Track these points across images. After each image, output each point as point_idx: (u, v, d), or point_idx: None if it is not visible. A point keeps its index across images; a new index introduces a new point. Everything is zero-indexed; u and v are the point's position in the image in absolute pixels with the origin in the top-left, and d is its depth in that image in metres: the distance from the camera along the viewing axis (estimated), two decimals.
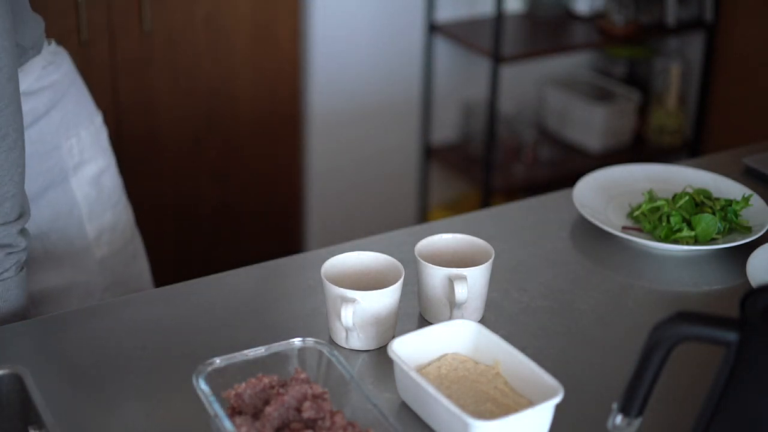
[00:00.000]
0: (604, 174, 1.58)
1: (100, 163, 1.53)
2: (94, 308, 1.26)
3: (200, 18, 2.40)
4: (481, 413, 1.02)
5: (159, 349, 1.17)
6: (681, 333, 0.89)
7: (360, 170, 2.94)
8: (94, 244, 1.50)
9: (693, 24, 3.06)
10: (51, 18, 2.23)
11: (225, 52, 2.47)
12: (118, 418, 1.06)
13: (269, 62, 2.56)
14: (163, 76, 2.40)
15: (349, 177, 2.93)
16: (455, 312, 1.20)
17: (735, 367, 0.89)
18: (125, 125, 2.39)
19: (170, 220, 2.55)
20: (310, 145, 2.80)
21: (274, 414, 0.98)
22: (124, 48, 2.32)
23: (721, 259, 1.40)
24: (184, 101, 2.45)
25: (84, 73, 2.31)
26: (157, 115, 2.43)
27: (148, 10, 2.31)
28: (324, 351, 1.06)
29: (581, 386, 1.12)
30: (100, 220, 1.52)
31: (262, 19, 2.49)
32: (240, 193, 2.64)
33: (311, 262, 1.34)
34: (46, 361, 1.14)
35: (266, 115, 2.61)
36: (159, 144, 2.45)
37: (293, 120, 2.68)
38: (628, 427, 0.94)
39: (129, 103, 2.37)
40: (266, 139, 2.64)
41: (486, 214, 1.58)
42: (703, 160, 1.74)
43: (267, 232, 2.74)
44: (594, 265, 1.39)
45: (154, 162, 2.47)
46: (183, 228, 2.58)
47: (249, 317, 1.24)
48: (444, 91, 3.00)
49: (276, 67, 2.58)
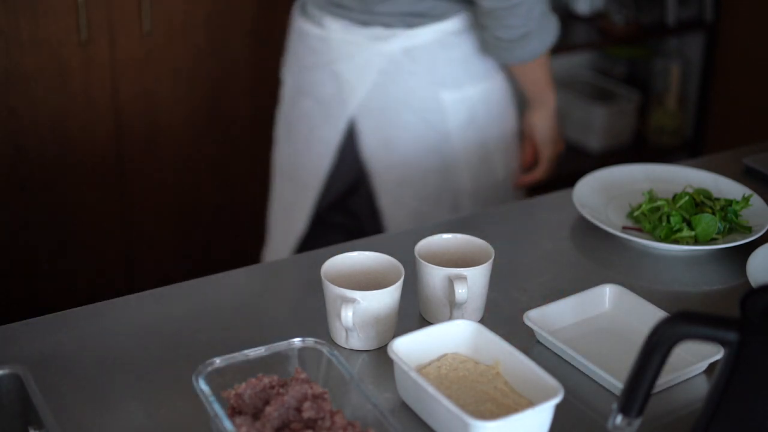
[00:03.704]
0: (604, 174, 1.58)
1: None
2: (94, 308, 1.26)
3: (200, 18, 2.40)
4: (481, 413, 1.02)
5: (159, 349, 1.17)
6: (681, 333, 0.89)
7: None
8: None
9: (693, 24, 3.06)
10: (51, 18, 2.24)
11: (225, 52, 2.47)
12: (118, 418, 1.06)
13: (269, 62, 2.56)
14: (163, 76, 2.40)
15: None
16: (455, 312, 1.20)
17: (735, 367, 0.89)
18: (125, 125, 2.39)
19: (170, 219, 2.55)
20: None
21: (274, 414, 0.98)
22: (124, 48, 2.31)
23: (721, 259, 1.40)
24: (184, 101, 2.45)
25: (84, 73, 2.32)
26: (157, 115, 2.43)
27: (148, 10, 2.30)
28: (324, 351, 1.06)
29: (581, 386, 1.12)
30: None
31: (262, 19, 2.49)
32: (240, 193, 2.64)
33: (311, 262, 1.34)
34: (46, 361, 1.14)
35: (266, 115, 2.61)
36: (159, 143, 2.45)
37: None
38: (628, 427, 0.94)
39: (129, 103, 2.37)
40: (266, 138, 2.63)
41: (486, 214, 1.58)
42: (703, 160, 1.74)
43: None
44: (594, 265, 1.39)
45: (154, 162, 2.47)
46: (183, 227, 2.58)
47: (249, 317, 1.24)
48: None
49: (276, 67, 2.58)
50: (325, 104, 1.85)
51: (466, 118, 1.83)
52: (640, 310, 1.22)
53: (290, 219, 1.97)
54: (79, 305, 1.26)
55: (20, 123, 2.26)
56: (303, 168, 1.92)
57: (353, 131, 1.84)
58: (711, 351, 1.14)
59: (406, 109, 1.80)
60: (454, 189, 1.87)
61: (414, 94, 1.80)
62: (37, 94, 2.26)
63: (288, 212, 1.98)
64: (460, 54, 1.79)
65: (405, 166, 1.84)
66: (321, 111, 1.86)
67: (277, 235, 2.04)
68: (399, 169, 1.84)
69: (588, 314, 1.24)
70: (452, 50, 1.79)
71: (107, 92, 2.34)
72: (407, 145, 1.83)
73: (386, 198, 1.87)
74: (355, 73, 1.80)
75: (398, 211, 1.88)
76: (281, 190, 2.02)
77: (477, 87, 1.83)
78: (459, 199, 1.88)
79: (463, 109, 1.82)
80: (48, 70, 2.25)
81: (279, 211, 2.04)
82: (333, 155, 1.87)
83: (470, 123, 1.84)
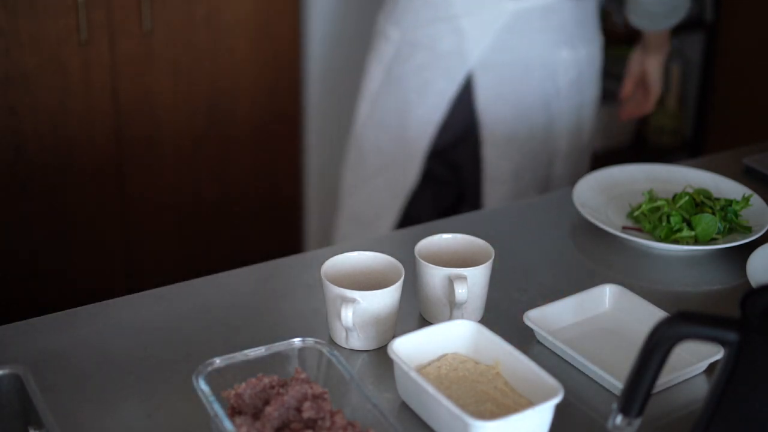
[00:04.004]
0: (604, 174, 1.58)
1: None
2: (94, 308, 1.26)
3: (200, 18, 2.39)
4: (481, 413, 1.02)
5: (159, 349, 1.17)
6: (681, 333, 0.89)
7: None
8: None
9: (693, 24, 3.06)
10: (51, 18, 2.24)
11: (225, 52, 2.47)
12: (118, 418, 1.06)
13: (269, 62, 2.56)
14: (163, 76, 2.40)
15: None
16: (455, 312, 1.20)
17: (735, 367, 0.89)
18: (125, 125, 2.39)
19: (170, 219, 2.55)
20: (309, 145, 2.79)
21: (274, 414, 0.98)
22: (124, 48, 2.31)
23: (721, 259, 1.40)
24: (184, 101, 2.45)
25: (84, 73, 2.32)
26: (157, 115, 2.43)
27: (148, 10, 2.30)
28: (324, 351, 1.06)
29: (581, 386, 1.12)
30: None
31: (262, 18, 2.49)
32: (240, 193, 2.64)
33: (311, 262, 1.34)
34: (46, 361, 1.14)
35: (266, 115, 2.61)
36: (159, 144, 2.45)
37: (293, 120, 2.68)
38: (628, 427, 0.94)
39: (129, 103, 2.37)
40: (266, 138, 2.64)
41: (486, 214, 1.58)
42: (703, 160, 1.74)
43: (267, 232, 2.74)
44: (594, 265, 1.39)
45: (154, 162, 2.46)
46: (183, 228, 2.58)
47: (249, 317, 1.24)
48: None
49: (276, 66, 2.58)
50: (443, 57, 1.92)
51: (573, 78, 1.95)
52: (640, 310, 1.22)
53: (394, 173, 2.05)
54: (79, 305, 1.26)
55: (20, 123, 2.26)
56: (414, 120, 1.99)
57: (470, 84, 1.93)
58: (711, 351, 1.14)
59: (525, 65, 1.91)
60: (552, 148, 1.99)
61: (535, 50, 1.90)
62: (37, 94, 2.26)
63: (391, 167, 2.05)
64: (582, 15, 1.92)
65: (515, 120, 1.94)
66: (438, 64, 1.93)
67: (354, 205, 2.14)
68: (509, 122, 1.94)
69: (588, 314, 1.24)
70: (576, 11, 1.90)
71: (107, 92, 2.34)
72: (520, 99, 1.93)
73: (492, 151, 1.96)
74: (479, 28, 1.88)
75: (501, 164, 1.97)
76: (376, 147, 2.07)
77: (586, 49, 1.96)
78: (554, 159, 2.00)
79: (573, 69, 1.94)
80: (48, 70, 2.25)
81: (368, 173, 2.10)
82: (447, 107, 1.95)
83: (576, 84, 1.96)
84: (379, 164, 2.09)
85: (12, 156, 2.28)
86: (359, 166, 2.13)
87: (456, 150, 2.03)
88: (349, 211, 2.18)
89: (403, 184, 2.05)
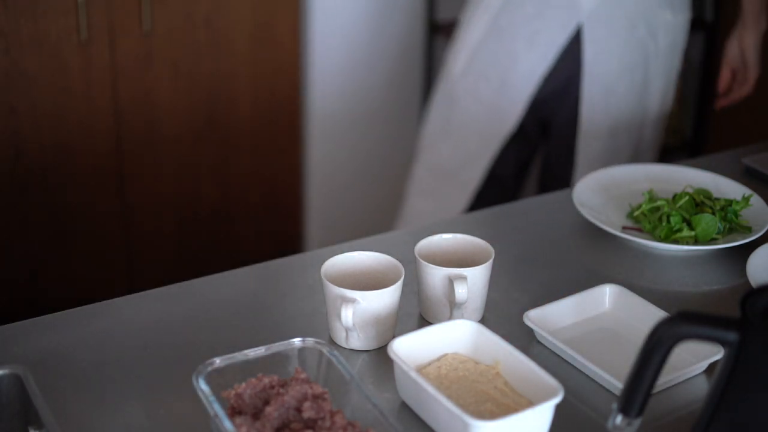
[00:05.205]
0: (604, 174, 1.58)
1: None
2: (94, 308, 1.26)
3: (200, 18, 2.39)
4: (481, 413, 1.02)
5: (159, 349, 1.17)
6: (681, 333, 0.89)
7: (360, 170, 2.94)
8: None
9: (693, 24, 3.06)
10: (51, 18, 2.24)
11: (225, 52, 2.47)
12: (118, 418, 1.06)
13: (269, 62, 2.56)
14: (163, 76, 2.40)
15: (349, 177, 2.92)
16: (455, 312, 1.20)
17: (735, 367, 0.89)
18: (125, 125, 2.39)
19: (170, 219, 2.55)
20: (309, 145, 2.80)
21: (274, 414, 0.98)
22: (124, 48, 2.32)
23: (721, 259, 1.40)
24: (184, 101, 2.45)
25: (84, 73, 2.32)
26: (157, 115, 2.43)
27: (148, 10, 2.30)
28: (324, 351, 1.06)
29: (581, 386, 1.12)
30: None
31: (262, 19, 2.49)
32: (240, 193, 2.64)
33: (311, 262, 1.34)
34: (46, 361, 1.14)
35: (266, 115, 2.61)
36: (159, 143, 2.45)
37: (293, 120, 2.68)
38: (628, 427, 0.94)
39: (129, 103, 2.37)
40: (266, 138, 2.64)
41: (486, 214, 1.58)
42: (703, 160, 1.74)
43: (267, 232, 2.74)
44: (594, 265, 1.39)
45: (154, 162, 2.47)
46: (183, 228, 2.58)
47: (249, 317, 1.24)
48: None
49: (276, 66, 2.58)
50: (555, 7, 1.95)
51: (670, 43, 2.00)
52: (640, 310, 1.22)
53: (489, 123, 2.07)
54: (79, 305, 1.26)
55: (20, 123, 2.26)
56: (518, 70, 2.01)
57: (579, 36, 1.96)
58: (711, 351, 1.14)
59: (633, 23, 1.97)
60: (644, 110, 2.03)
61: (645, 9, 1.95)
62: (37, 94, 2.26)
63: (487, 117, 2.07)
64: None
65: (617, 75, 1.98)
66: (550, 14, 1.96)
67: (438, 154, 2.16)
68: (612, 76, 1.97)
69: (588, 314, 1.24)
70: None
71: (107, 92, 2.34)
72: (623, 55, 1.97)
73: (590, 104, 1.99)
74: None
75: (597, 119, 2.00)
76: (474, 96, 2.08)
77: (683, 16, 2.02)
78: (645, 121, 2.03)
79: (671, 33, 1.99)
80: (48, 70, 2.25)
81: (458, 134, 2.12)
82: (554, 57, 1.98)
83: (671, 49, 2.02)
84: (473, 114, 2.10)
85: (12, 156, 2.28)
86: (450, 115, 2.14)
87: (553, 102, 2.05)
88: (431, 161, 2.19)
89: (497, 135, 2.07)
